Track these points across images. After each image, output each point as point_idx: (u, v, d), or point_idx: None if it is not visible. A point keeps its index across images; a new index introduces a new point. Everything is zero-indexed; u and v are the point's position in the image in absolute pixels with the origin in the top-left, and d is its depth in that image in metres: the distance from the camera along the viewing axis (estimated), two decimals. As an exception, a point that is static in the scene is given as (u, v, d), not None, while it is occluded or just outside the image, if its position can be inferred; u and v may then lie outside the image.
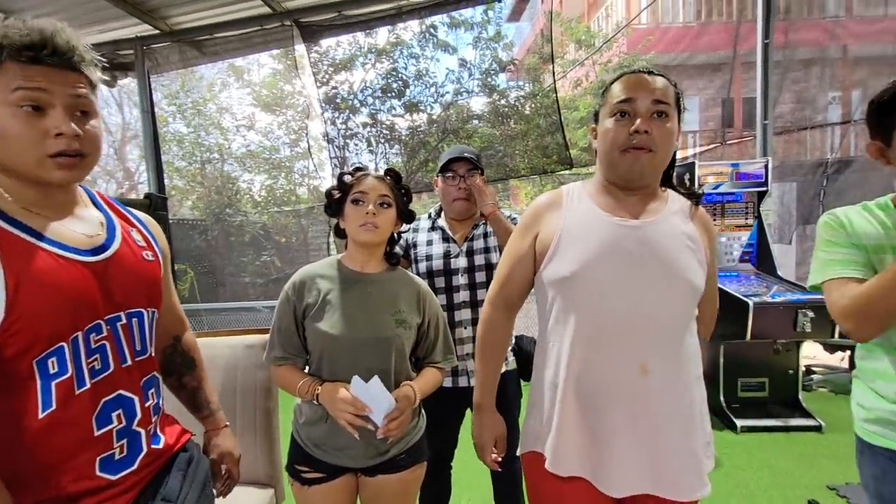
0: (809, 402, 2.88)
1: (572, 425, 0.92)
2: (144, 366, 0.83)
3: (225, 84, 8.72)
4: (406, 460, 1.15)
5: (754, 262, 3.21)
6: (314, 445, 1.12)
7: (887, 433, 0.97)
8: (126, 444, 0.78)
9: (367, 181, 1.13)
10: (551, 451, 0.94)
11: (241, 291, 6.55)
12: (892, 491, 0.97)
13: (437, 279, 1.51)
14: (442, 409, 1.48)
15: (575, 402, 0.92)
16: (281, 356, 1.14)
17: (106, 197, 0.89)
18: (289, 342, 1.14)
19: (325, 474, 1.12)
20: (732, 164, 3.17)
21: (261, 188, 8.44)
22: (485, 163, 1.61)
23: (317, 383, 1.09)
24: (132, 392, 0.80)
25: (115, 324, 0.78)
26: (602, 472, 0.91)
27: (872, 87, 5.00)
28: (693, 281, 0.91)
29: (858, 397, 1.04)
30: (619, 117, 0.92)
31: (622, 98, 0.91)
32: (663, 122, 0.91)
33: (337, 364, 1.10)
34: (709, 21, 7.10)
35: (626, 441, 0.90)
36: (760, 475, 2.32)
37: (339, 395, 1.05)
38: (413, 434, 1.18)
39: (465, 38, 5.96)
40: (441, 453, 1.60)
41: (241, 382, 1.39)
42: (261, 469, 1.39)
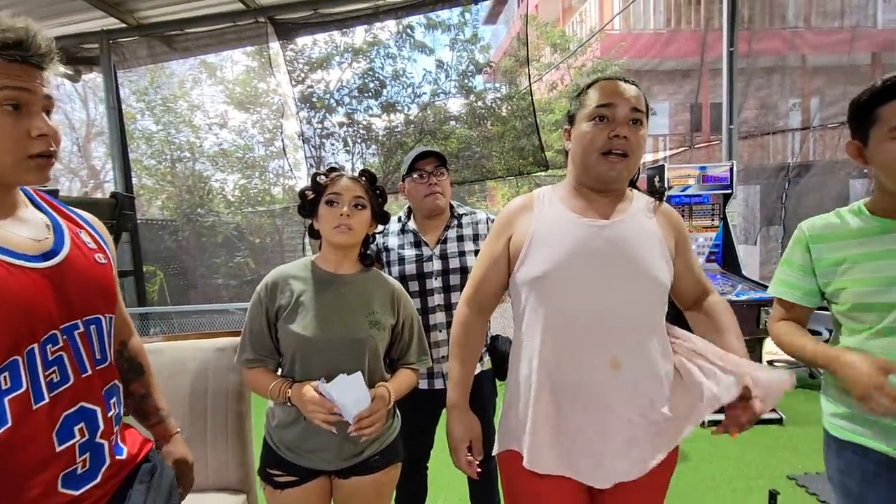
0: (771, 396, 3.00)
1: (547, 423, 0.95)
2: (105, 374, 0.80)
3: (197, 81, 8.50)
4: (380, 461, 1.15)
5: (720, 261, 3.33)
6: (287, 448, 1.11)
7: (853, 428, 1.02)
8: (89, 457, 0.75)
9: (342, 182, 1.13)
10: (528, 450, 0.96)
11: (214, 293, 6.38)
12: (856, 484, 1.02)
13: (411, 283, 1.50)
14: (417, 411, 1.49)
15: (549, 399, 0.95)
16: (252, 358, 1.13)
17: (46, 196, 0.83)
18: (260, 344, 1.13)
19: (298, 477, 1.11)
20: (700, 167, 3.29)
21: (234, 188, 8.26)
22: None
23: (287, 385, 1.09)
24: (94, 403, 0.76)
25: (73, 332, 0.74)
26: (578, 466, 0.94)
27: (829, 94, 5.25)
28: (659, 277, 0.95)
29: (827, 393, 1.10)
30: (598, 121, 0.95)
31: (602, 103, 0.94)
32: (638, 129, 0.95)
33: (310, 365, 1.10)
34: (678, 29, 7.32)
35: (598, 436, 0.92)
36: (725, 467, 2.41)
37: (306, 396, 1.04)
38: (387, 435, 1.18)
39: (443, 39, 6.00)
40: (417, 455, 1.60)
41: (212, 386, 1.37)
42: (233, 474, 1.37)
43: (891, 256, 0.96)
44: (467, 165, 5.46)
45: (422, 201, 1.53)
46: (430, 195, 1.51)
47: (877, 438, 0.98)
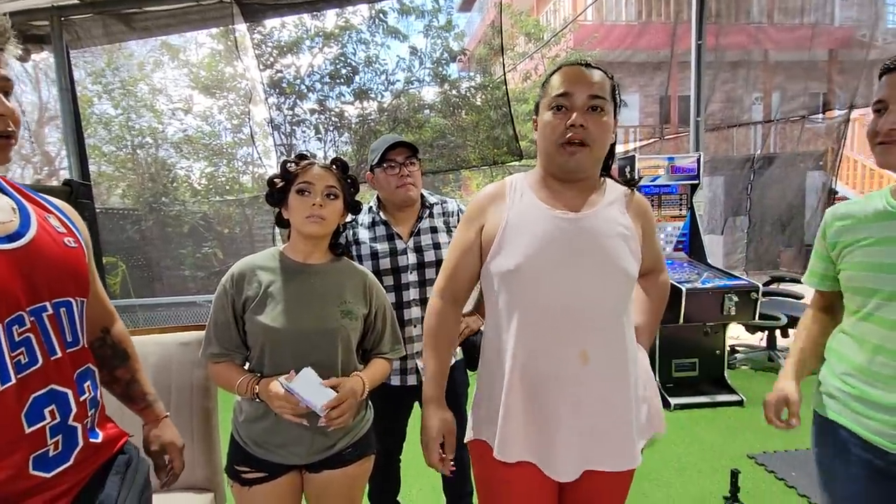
0: (733, 379, 3.14)
1: (518, 414, 0.95)
2: (78, 357, 0.79)
3: (158, 63, 8.10)
4: (353, 454, 1.14)
5: (687, 250, 3.43)
6: (255, 444, 1.08)
7: (832, 405, 1.07)
8: (61, 439, 0.74)
9: (313, 171, 1.09)
10: (498, 440, 0.96)
11: (180, 285, 6.16)
12: (827, 458, 1.09)
13: (385, 278, 1.47)
14: (391, 406, 1.47)
15: (520, 391, 0.95)
16: (218, 352, 1.09)
17: (12, 182, 0.81)
18: (227, 337, 1.09)
19: (268, 473, 1.09)
20: (668, 157, 3.36)
21: (200, 176, 7.96)
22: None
23: (255, 380, 1.06)
24: (65, 386, 0.75)
25: (41, 315, 0.73)
26: (549, 458, 0.95)
27: (791, 90, 5.44)
28: (627, 270, 0.96)
29: (821, 373, 1.15)
30: (557, 111, 0.94)
31: (559, 92, 0.93)
32: (599, 116, 0.93)
33: (279, 358, 1.07)
34: (649, 21, 7.42)
35: (570, 427, 0.93)
36: (691, 449, 2.51)
37: (272, 392, 1.02)
38: (360, 427, 1.16)
39: (416, 25, 5.90)
40: (389, 449, 1.60)
41: (175, 382, 1.32)
42: (199, 472, 1.33)
43: (886, 243, 0.96)
44: (441, 155, 5.42)
45: (393, 192, 1.48)
46: (402, 186, 1.46)
47: (850, 419, 1.03)
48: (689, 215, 3.42)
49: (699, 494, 2.12)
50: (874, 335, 0.98)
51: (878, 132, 0.92)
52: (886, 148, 0.91)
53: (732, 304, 2.84)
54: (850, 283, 1.04)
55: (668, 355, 3.07)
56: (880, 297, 0.96)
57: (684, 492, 2.14)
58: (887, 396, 0.96)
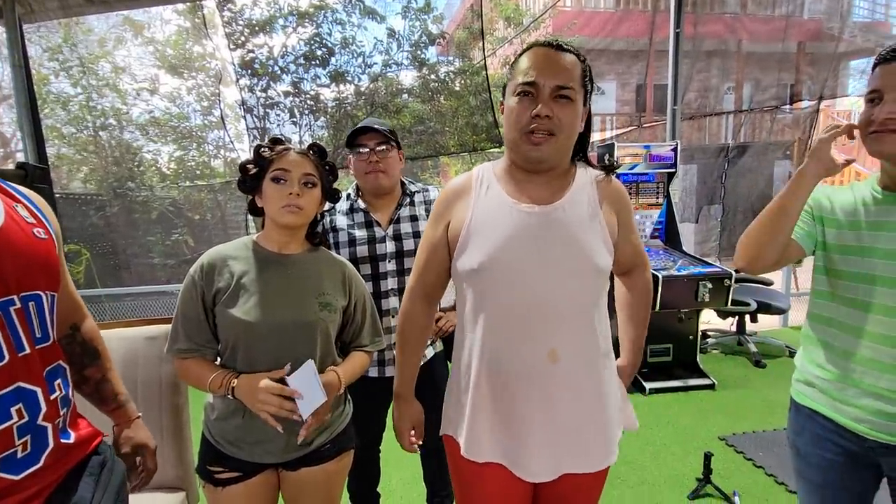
0: (705, 364, 3.23)
1: (485, 413, 0.93)
2: (47, 354, 0.75)
3: (120, 40, 7.67)
4: (331, 450, 1.11)
5: (663, 238, 3.49)
6: (228, 443, 1.04)
7: (810, 393, 1.09)
8: (30, 440, 0.71)
9: (289, 157, 1.03)
10: (465, 440, 0.95)
11: (149, 274, 5.95)
12: (803, 444, 1.11)
13: (363, 266, 1.43)
14: (369, 399, 1.45)
15: (488, 390, 0.93)
16: (186, 348, 1.03)
17: None
18: (195, 332, 1.03)
19: (242, 472, 1.04)
20: (646, 146, 3.38)
21: (169, 160, 7.65)
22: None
23: (232, 376, 1.00)
24: (34, 384, 0.72)
25: (8, 308, 0.70)
26: (518, 459, 0.93)
27: (763, 80, 5.56)
28: (598, 263, 0.91)
29: (796, 359, 1.16)
30: (523, 97, 0.89)
31: (526, 80, 0.88)
32: (566, 105, 0.88)
33: (253, 353, 1.02)
34: (627, 9, 7.43)
35: (539, 427, 0.91)
36: (665, 432, 2.57)
37: (263, 384, 0.97)
38: (339, 422, 1.13)
39: (394, 6, 5.75)
40: (369, 441, 1.57)
41: (142, 378, 1.26)
42: (170, 471, 1.28)
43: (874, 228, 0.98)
44: (420, 141, 5.34)
45: (363, 178, 1.45)
46: (371, 173, 1.42)
47: (827, 406, 1.05)
48: (665, 203, 3.46)
49: (673, 476, 2.18)
50: (856, 320, 0.99)
51: (872, 121, 0.92)
52: (880, 136, 0.91)
53: (706, 291, 2.91)
54: (833, 266, 1.04)
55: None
56: (864, 282, 0.98)
57: (659, 474, 2.20)
58: (868, 382, 0.97)
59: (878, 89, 0.91)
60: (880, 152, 0.93)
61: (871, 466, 1.02)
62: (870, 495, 1.06)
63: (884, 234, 0.96)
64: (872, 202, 1.00)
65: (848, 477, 1.05)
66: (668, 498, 2.04)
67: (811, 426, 1.09)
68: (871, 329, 0.97)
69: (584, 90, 0.92)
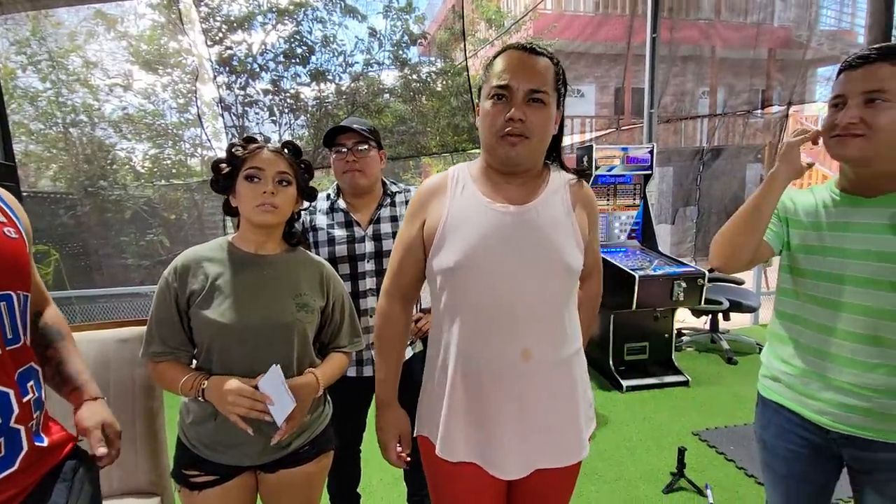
0: (679, 361, 3.31)
1: (460, 413, 0.94)
2: (19, 355, 0.74)
3: (92, 34, 7.44)
4: (310, 451, 1.10)
5: (640, 238, 3.57)
6: (204, 446, 1.03)
7: (776, 388, 1.13)
8: (3, 442, 0.70)
9: (263, 155, 1.02)
10: (441, 439, 0.95)
11: (122, 275, 5.79)
12: (769, 437, 1.15)
13: (341, 265, 1.43)
14: (348, 399, 1.44)
15: (463, 390, 0.94)
16: (160, 351, 1.02)
17: None
18: (169, 335, 1.02)
19: (219, 476, 1.03)
20: (623, 147, 3.45)
21: (144, 158, 7.44)
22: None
23: (203, 377, 0.99)
24: (6, 385, 0.71)
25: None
26: (492, 458, 0.94)
27: (737, 86, 5.73)
28: (571, 264, 0.93)
29: (763, 355, 1.20)
30: (497, 100, 0.90)
31: (500, 83, 0.89)
32: (539, 108, 0.89)
33: (229, 355, 1.01)
34: (606, 13, 7.56)
35: (512, 425, 0.93)
36: (641, 428, 2.63)
37: (232, 386, 0.96)
38: (318, 423, 1.13)
39: (376, 6, 5.72)
40: (349, 441, 1.57)
41: (115, 382, 1.23)
42: (144, 476, 1.25)
43: (834, 228, 1.03)
44: (401, 141, 5.34)
45: (341, 178, 1.46)
46: (348, 172, 1.43)
47: (792, 400, 1.09)
48: (642, 204, 3.54)
49: (649, 471, 2.23)
50: (820, 316, 1.04)
51: (836, 125, 0.96)
52: (842, 140, 0.95)
53: (681, 290, 2.99)
54: (796, 265, 1.09)
55: (620, 339, 3.20)
56: (828, 280, 1.02)
57: (635, 469, 2.25)
58: (831, 376, 1.02)
59: (842, 94, 0.95)
60: (842, 155, 0.97)
61: (833, 458, 1.07)
62: (831, 485, 1.12)
63: (850, 234, 1.01)
64: (832, 204, 1.05)
65: (812, 468, 1.10)
66: (643, 492, 2.09)
67: (777, 419, 1.13)
68: (834, 325, 1.01)
69: (558, 93, 0.93)
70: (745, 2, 5.89)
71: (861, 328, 0.98)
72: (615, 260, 3.14)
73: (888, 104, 0.91)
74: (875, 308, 0.97)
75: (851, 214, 1.01)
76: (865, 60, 0.93)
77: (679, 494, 2.07)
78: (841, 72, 0.97)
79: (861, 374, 0.98)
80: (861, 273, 0.98)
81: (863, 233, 0.99)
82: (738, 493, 2.07)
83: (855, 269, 0.99)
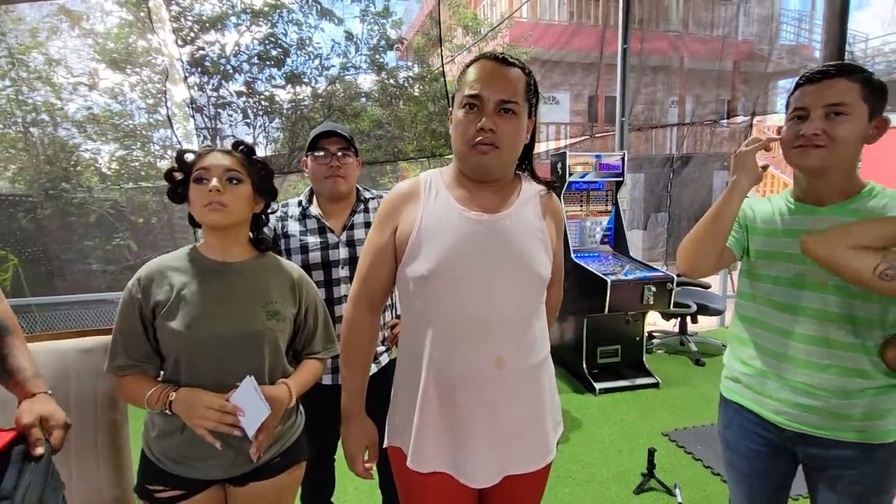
0: (650, 363, 3.40)
1: (432, 423, 0.94)
2: None
3: (55, 31, 7.16)
4: (282, 463, 1.08)
5: (612, 243, 3.65)
6: (171, 460, 1.00)
7: (736, 388, 1.18)
8: None
9: (211, 157, 1.00)
10: (412, 451, 0.95)
11: (87, 281, 5.56)
12: (732, 437, 1.20)
13: (315, 272, 1.42)
14: (322, 407, 1.43)
15: (435, 398, 0.94)
16: (125, 364, 0.99)
17: None
18: (134, 347, 0.99)
19: (185, 490, 1.01)
20: (596, 155, 3.53)
21: (110, 160, 7.19)
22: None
23: (171, 389, 0.97)
24: None
25: None
26: (463, 466, 0.94)
27: (704, 96, 5.94)
28: (541, 273, 0.96)
29: (724, 357, 1.25)
30: (469, 109, 0.91)
31: (471, 92, 0.90)
32: (510, 118, 0.91)
33: (197, 366, 0.99)
34: (580, 23, 7.74)
35: (484, 432, 0.93)
36: (613, 430, 2.69)
37: (201, 399, 0.94)
38: (290, 434, 1.11)
39: (352, 9, 5.70)
40: (323, 450, 1.55)
41: (76, 395, 1.18)
42: (107, 492, 1.20)
43: (788, 235, 1.08)
44: (378, 146, 5.32)
45: (321, 183, 1.43)
46: (330, 178, 1.41)
47: (751, 400, 1.14)
48: (613, 210, 3.62)
49: (621, 472, 2.28)
50: (776, 319, 1.09)
51: (800, 135, 1.00)
52: (805, 151, 1.00)
53: (651, 294, 3.07)
54: (754, 270, 1.14)
55: (593, 343, 3.26)
56: (783, 285, 1.08)
57: (607, 471, 2.30)
58: (786, 377, 1.07)
59: (804, 107, 1.00)
60: (803, 165, 1.02)
61: (789, 456, 1.13)
62: (789, 482, 1.17)
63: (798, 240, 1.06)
64: (787, 212, 1.11)
65: (771, 466, 1.15)
66: (615, 493, 2.13)
67: (738, 419, 1.18)
68: (790, 328, 1.06)
69: (529, 103, 0.95)
70: (710, 16, 6.13)
71: (814, 331, 1.03)
72: (588, 265, 3.20)
73: (847, 117, 0.96)
74: (826, 312, 1.02)
75: (806, 222, 1.07)
76: (825, 75, 0.98)
77: (649, 494, 2.12)
78: (800, 85, 1.03)
79: (814, 374, 1.03)
80: (816, 278, 1.04)
81: None
82: (706, 491, 2.14)
83: (811, 275, 1.04)
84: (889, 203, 0.99)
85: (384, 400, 1.09)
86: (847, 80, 0.97)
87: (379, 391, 1.48)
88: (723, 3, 6.44)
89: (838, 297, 1.01)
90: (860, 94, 0.97)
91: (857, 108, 0.96)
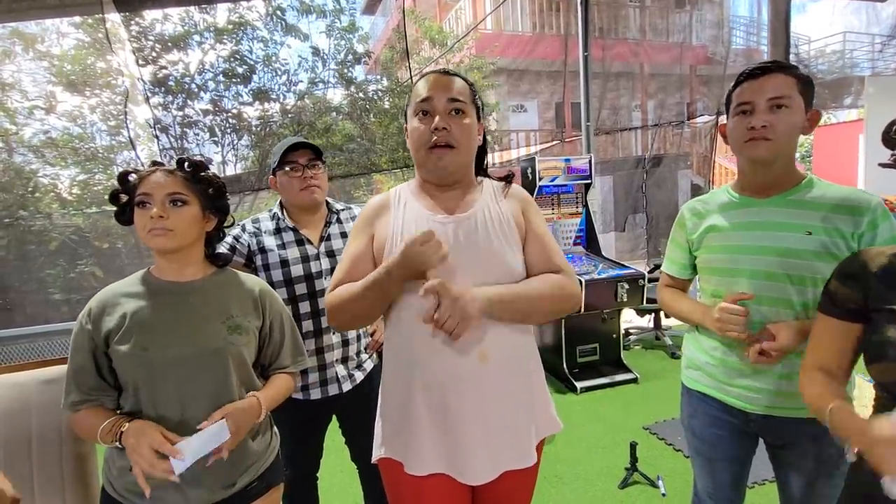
0: (628, 359, 3.46)
1: (424, 424, 0.95)
2: None
3: (8, 54, 6.92)
4: (259, 487, 1.05)
5: (584, 244, 3.72)
6: (137, 496, 0.94)
7: (700, 378, 1.21)
8: None
9: (152, 179, 0.96)
10: (408, 455, 0.95)
11: (48, 312, 5.31)
12: (698, 425, 1.23)
13: (298, 286, 1.41)
14: (309, 422, 1.40)
15: (424, 399, 0.95)
16: (79, 399, 0.95)
17: None
18: (86, 381, 0.95)
19: (155, 522, 0.95)
20: (565, 159, 3.61)
21: (71, 184, 6.93)
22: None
23: (124, 420, 0.92)
24: None
25: None
26: (461, 465, 0.95)
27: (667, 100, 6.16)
28: (511, 265, 0.98)
29: (685, 349, 1.28)
30: (423, 116, 0.98)
31: (422, 98, 0.97)
32: (461, 119, 0.97)
33: (158, 391, 0.95)
34: (542, 33, 7.95)
35: (475, 428, 0.94)
36: (595, 427, 2.72)
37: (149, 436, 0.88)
38: (266, 457, 1.08)
39: (318, 25, 5.71)
40: (306, 470, 1.52)
41: (38, 429, 1.12)
42: (74, 529, 1.14)
43: (736, 228, 1.12)
44: (351, 160, 5.31)
45: (296, 195, 1.42)
46: (306, 189, 1.41)
47: (715, 388, 1.17)
48: (584, 212, 3.70)
49: (605, 468, 2.30)
50: None
51: (749, 129, 1.05)
52: (755, 143, 1.05)
53: (624, 291, 3.14)
54: (708, 265, 1.19)
55: (572, 343, 3.31)
56: (736, 276, 1.12)
57: (591, 468, 2.32)
58: (742, 364, 1.11)
59: (749, 101, 1.05)
60: (756, 157, 1.06)
61: (750, 437, 1.18)
62: (750, 458, 1.22)
63: (750, 232, 1.11)
64: (731, 206, 1.16)
65: (734, 448, 1.19)
66: (601, 489, 2.15)
67: (703, 408, 1.22)
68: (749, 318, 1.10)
69: (476, 107, 1.02)
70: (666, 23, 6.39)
71: (760, 317, 1.07)
72: (563, 266, 3.25)
73: (789, 110, 1.02)
74: (771, 298, 1.07)
75: (749, 214, 1.12)
76: (764, 71, 1.04)
77: (634, 488, 2.15)
78: (741, 82, 1.08)
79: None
80: (757, 266, 1.08)
81: (761, 230, 1.09)
82: (687, 480, 2.18)
83: (749, 262, 1.09)
84: (826, 192, 1.05)
85: (371, 404, 1.08)
86: (784, 75, 1.03)
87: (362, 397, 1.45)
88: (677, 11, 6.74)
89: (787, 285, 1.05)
90: (797, 88, 1.03)
91: (795, 100, 1.03)
